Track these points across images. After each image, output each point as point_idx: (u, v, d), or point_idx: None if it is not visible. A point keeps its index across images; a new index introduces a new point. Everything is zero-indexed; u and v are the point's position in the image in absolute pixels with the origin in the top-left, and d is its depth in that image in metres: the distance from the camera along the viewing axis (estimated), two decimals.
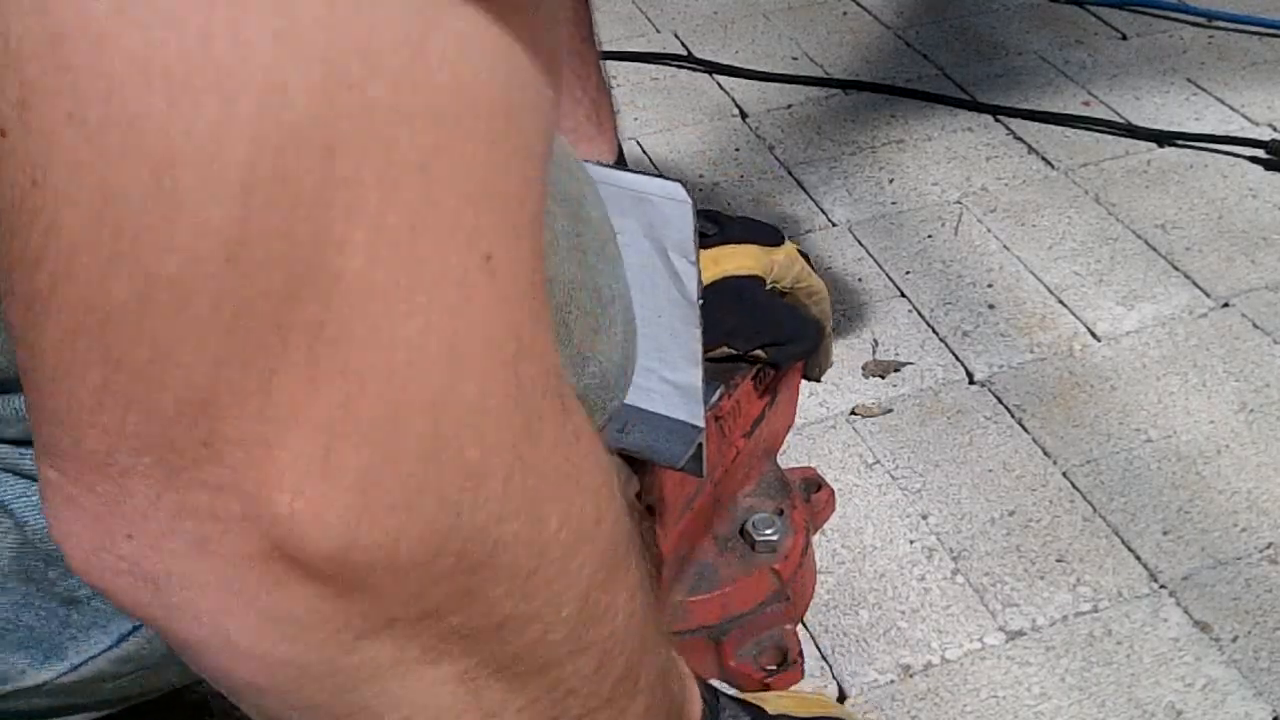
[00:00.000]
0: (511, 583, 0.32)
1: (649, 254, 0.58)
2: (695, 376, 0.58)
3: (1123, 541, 0.81)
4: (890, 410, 0.92)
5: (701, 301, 0.58)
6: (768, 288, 0.75)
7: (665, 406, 0.59)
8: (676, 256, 0.58)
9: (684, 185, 0.56)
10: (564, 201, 0.50)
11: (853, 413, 0.92)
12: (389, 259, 0.27)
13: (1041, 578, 0.79)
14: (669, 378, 0.59)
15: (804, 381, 0.81)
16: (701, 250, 0.65)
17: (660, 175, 0.56)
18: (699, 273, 0.58)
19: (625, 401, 0.60)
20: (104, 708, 0.51)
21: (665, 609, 0.71)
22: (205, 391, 0.26)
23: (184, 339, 0.26)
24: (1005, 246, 1.07)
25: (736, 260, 0.75)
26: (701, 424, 0.59)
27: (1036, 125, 1.22)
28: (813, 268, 0.82)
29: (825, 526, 0.83)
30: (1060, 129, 1.21)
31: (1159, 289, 1.02)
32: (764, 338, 0.71)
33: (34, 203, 0.25)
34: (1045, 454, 0.88)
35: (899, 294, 1.03)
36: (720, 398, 0.67)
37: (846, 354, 0.97)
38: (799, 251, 0.80)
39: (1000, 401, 0.92)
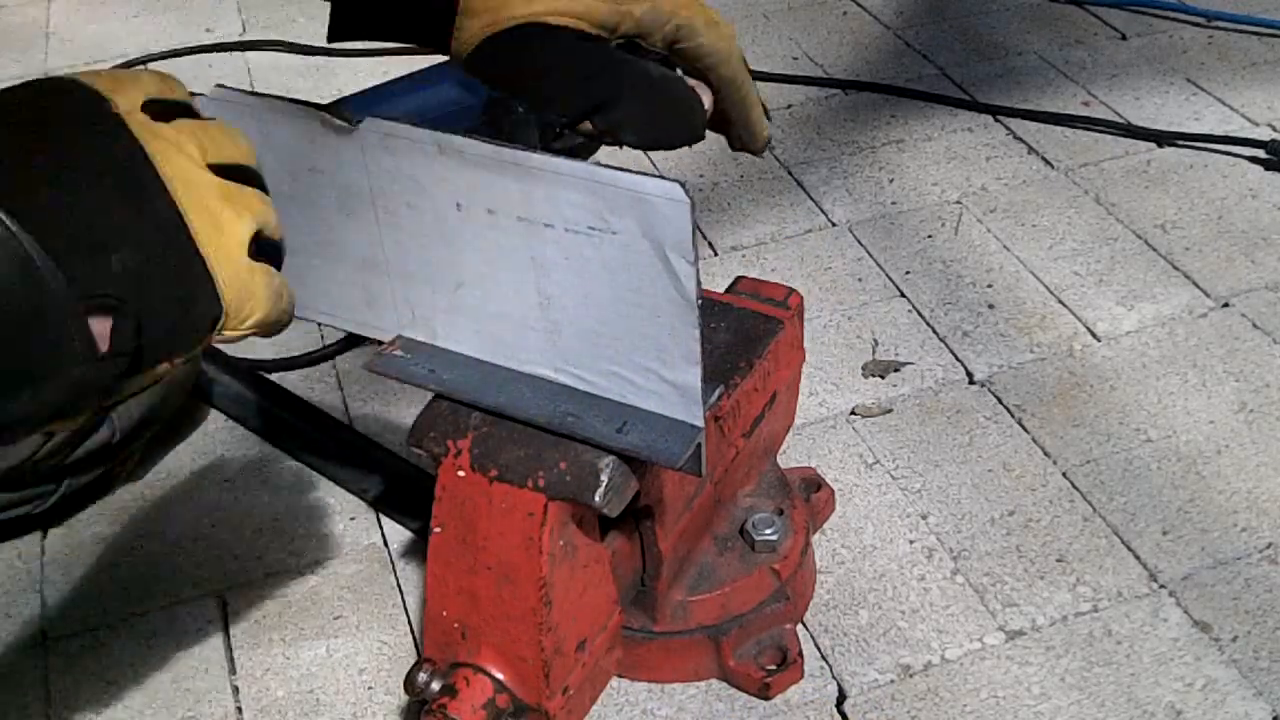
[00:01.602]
0: None
1: (648, 254, 0.58)
2: (695, 376, 0.58)
3: (1122, 541, 0.81)
4: (890, 410, 0.92)
5: (700, 301, 0.57)
6: (613, 43, 0.58)
7: (665, 406, 0.59)
8: (675, 256, 0.57)
9: (683, 185, 0.55)
10: None
11: (853, 413, 0.92)
12: None
13: (1041, 578, 0.79)
14: (668, 378, 0.59)
15: (801, 375, 0.80)
16: None
17: (660, 176, 0.56)
18: (698, 274, 0.57)
19: (625, 401, 0.60)
20: None
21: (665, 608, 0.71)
22: None
23: None
24: (1005, 246, 1.07)
25: (548, 3, 0.57)
26: (701, 424, 0.59)
27: (1036, 125, 1.22)
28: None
29: (825, 526, 0.83)
30: (1060, 129, 1.21)
31: (1159, 289, 1.02)
32: (583, 100, 0.57)
33: None
34: (1045, 454, 0.88)
35: (899, 294, 1.03)
36: (720, 398, 0.67)
37: (846, 354, 0.97)
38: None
39: (1000, 401, 0.92)
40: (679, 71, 0.61)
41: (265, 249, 0.46)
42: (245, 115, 0.64)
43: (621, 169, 0.55)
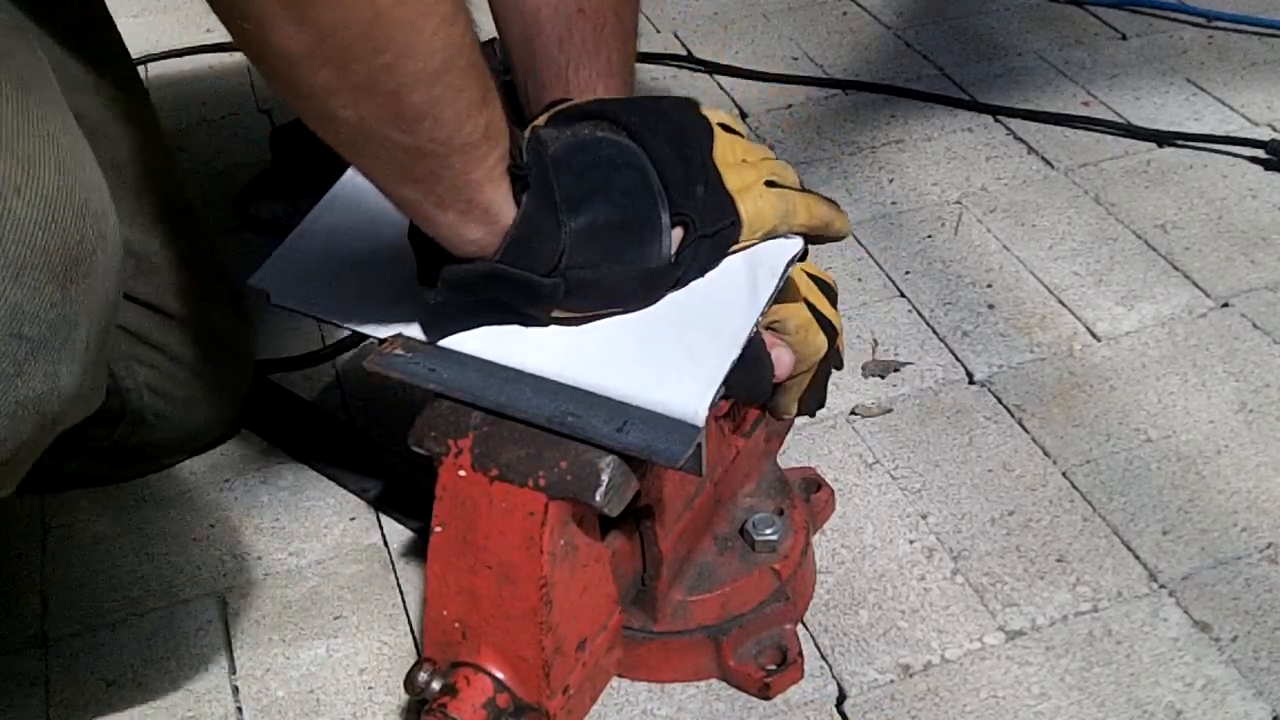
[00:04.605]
0: None
1: (739, 272, 0.63)
2: (716, 378, 0.59)
3: (1122, 541, 0.81)
4: (890, 410, 0.92)
5: (768, 309, 0.62)
6: None
7: (666, 405, 0.59)
8: (764, 273, 0.62)
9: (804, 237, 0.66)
10: None
11: (853, 413, 0.92)
12: None
13: (1041, 578, 0.79)
14: (682, 377, 0.59)
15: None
16: None
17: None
18: (778, 286, 0.62)
19: (624, 399, 0.60)
20: None
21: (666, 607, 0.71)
22: None
23: None
24: (1005, 246, 1.07)
25: None
26: (702, 424, 0.59)
27: (1036, 125, 1.22)
28: (830, 297, 0.74)
29: (825, 526, 0.83)
30: (1060, 129, 1.21)
31: (1159, 289, 1.02)
32: None
33: None
34: (1045, 454, 0.88)
35: (899, 294, 1.03)
36: (720, 398, 0.67)
37: (847, 354, 0.97)
38: (811, 276, 0.73)
39: (1000, 401, 0.92)
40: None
41: (773, 184, 0.66)
42: None
43: None
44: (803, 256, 0.66)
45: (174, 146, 0.73)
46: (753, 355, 0.66)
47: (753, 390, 0.69)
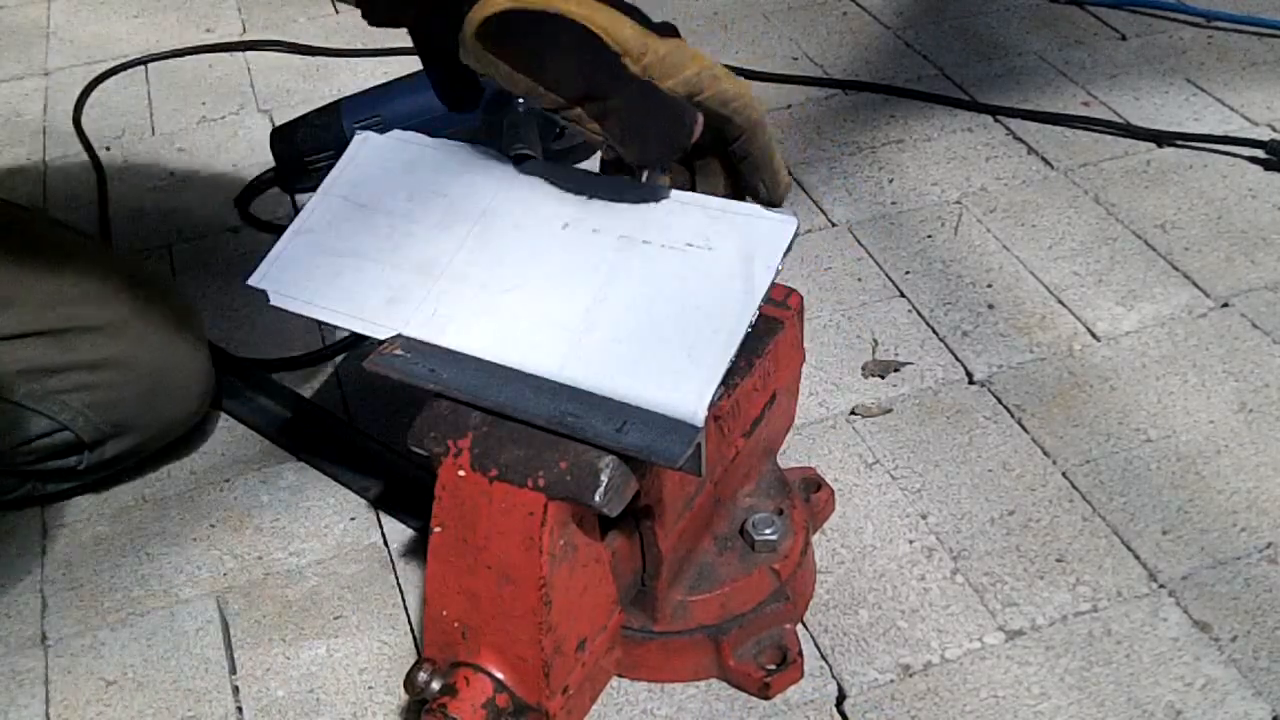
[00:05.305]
0: None
1: (733, 264, 0.62)
2: (719, 373, 0.59)
3: (1122, 541, 0.81)
4: (890, 410, 0.92)
5: (763, 304, 0.61)
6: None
7: (665, 405, 0.59)
8: (760, 266, 0.61)
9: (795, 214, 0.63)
10: None
11: (852, 413, 0.92)
12: None
13: (1041, 577, 0.79)
14: (681, 376, 0.59)
15: (801, 375, 0.81)
16: None
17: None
18: (774, 277, 0.61)
19: (624, 399, 0.60)
20: None
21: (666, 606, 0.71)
22: None
23: None
24: (1005, 246, 1.07)
25: (581, 7, 0.60)
26: (701, 424, 0.59)
27: (1036, 125, 1.22)
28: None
29: (825, 526, 0.83)
30: (1060, 129, 1.21)
31: (1158, 289, 1.02)
32: (579, 84, 0.59)
33: None
34: (1045, 454, 0.88)
35: (899, 294, 1.03)
36: (720, 398, 0.67)
37: (846, 354, 0.97)
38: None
39: (1000, 401, 0.92)
40: None
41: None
42: (409, 150, 0.72)
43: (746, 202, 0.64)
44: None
45: None
46: (660, 105, 0.60)
47: (668, 136, 0.61)
